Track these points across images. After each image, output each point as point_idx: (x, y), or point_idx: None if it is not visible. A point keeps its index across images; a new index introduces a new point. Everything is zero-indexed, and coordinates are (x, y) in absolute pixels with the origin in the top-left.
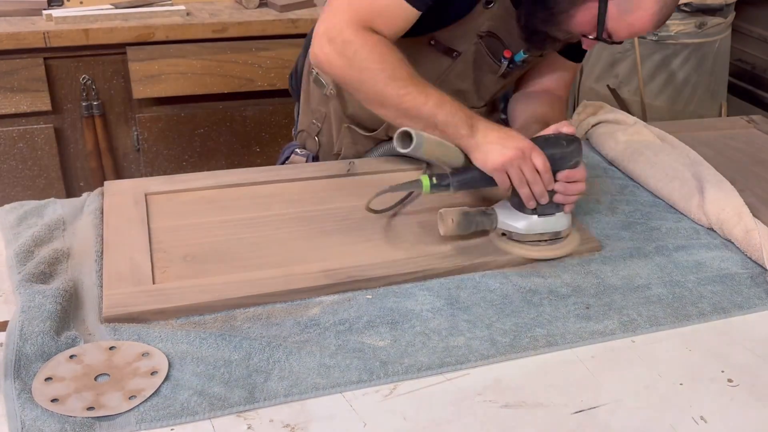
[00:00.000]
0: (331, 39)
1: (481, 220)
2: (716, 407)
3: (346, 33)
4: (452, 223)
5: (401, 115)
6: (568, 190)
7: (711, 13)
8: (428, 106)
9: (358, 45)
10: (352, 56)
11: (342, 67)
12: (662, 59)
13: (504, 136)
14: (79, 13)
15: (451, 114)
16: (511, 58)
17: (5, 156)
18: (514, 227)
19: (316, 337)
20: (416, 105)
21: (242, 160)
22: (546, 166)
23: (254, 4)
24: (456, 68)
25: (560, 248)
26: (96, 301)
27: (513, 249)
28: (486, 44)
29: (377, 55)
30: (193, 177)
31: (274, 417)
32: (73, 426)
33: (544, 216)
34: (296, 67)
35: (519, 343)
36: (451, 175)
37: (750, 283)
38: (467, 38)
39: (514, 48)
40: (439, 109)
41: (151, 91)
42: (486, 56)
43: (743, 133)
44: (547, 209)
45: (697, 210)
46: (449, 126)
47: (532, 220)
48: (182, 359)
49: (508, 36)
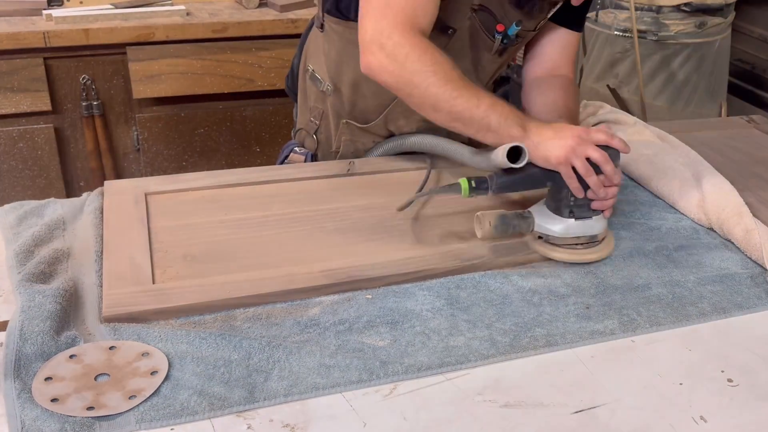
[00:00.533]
0: (381, 45)
1: (518, 223)
2: (716, 407)
3: (395, 36)
4: (489, 226)
5: (454, 119)
6: (604, 194)
7: (711, 13)
8: (481, 109)
9: (408, 48)
10: (403, 60)
11: (394, 72)
12: (662, 59)
13: (557, 129)
14: (79, 13)
15: (504, 116)
16: (505, 32)
17: (5, 156)
18: (551, 230)
19: (316, 337)
20: (469, 107)
21: (242, 160)
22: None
23: (254, 4)
24: (453, 47)
25: (597, 252)
26: (96, 301)
27: (550, 252)
28: (479, 19)
29: (429, 58)
30: (193, 177)
31: (274, 417)
32: (73, 426)
33: (581, 219)
34: (292, 67)
35: (519, 343)
36: (490, 178)
37: (750, 283)
38: (461, 13)
39: (506, 22)
40: (491, 112)
41: (151, 91)
42: (480, 32)
43: (743, 133)
44: (584, 212)
45: (697, 210)
46: (502, 128)
47: (569, 223)
48: (182, 359)
49: (500, 9)
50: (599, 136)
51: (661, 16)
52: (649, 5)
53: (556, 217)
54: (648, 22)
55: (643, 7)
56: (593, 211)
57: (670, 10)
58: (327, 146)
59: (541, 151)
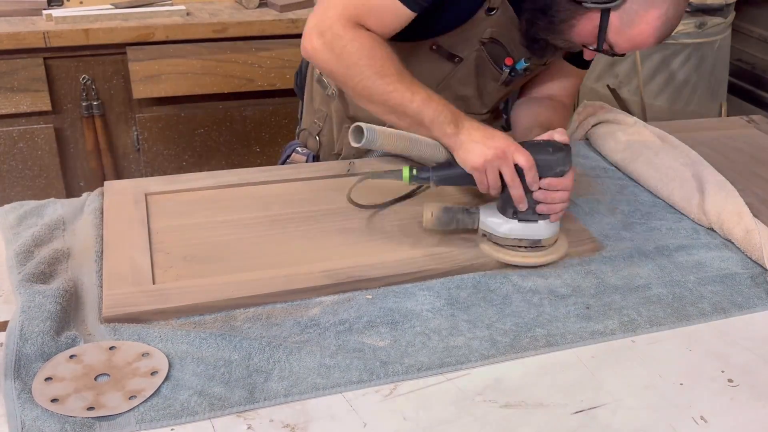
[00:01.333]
0: (321, 33)
1: (462, 218)
2: (716, 407)
3: (336, 27)
4: (431, 217)
5: (388, 112)
6: (548, 198)
7: (711, 13)
8: (414, 104)
9: (347, 40)
10: (340, 51)
11: (330, 61)
12: (662, 59)
13: (488, 135)
14: (79, 13)
15: (438, 112)
16: (513, 66)
17: (5, 156)
18: (494, 230)
19: (316, 338)
20: (402, 102)
21: (242, 160)
22: (530, 163)
23: (254, 4)
24: (458, 74)
25: (541, 256)
26: (96, 301)
27: (491, 251)
28: (488, 51)
29: (366, 51)
30: (193, 177)
31: (274, 417)
32: (73, 426)
33: (525, 222)
34: (300, 66)
35: (519, 343)
36: (433, 169)
37: (750, 283)
38: (469, 44)
39: (516, 56)
40: (425, 107)
41: (151, 91)
42: (488, 63)
43: (743, 133)
44: (528, 215)
45: (698, 210)
46: (435, 124)
47: (512, 224)
48: (182, 359)
49: (510, 43)
50: (520, 160)
51: None
52: None
53: (501, 216)
54: None
55: None
56: (539, 215)
57: None
58: (329, 148)
59: (462, 152)
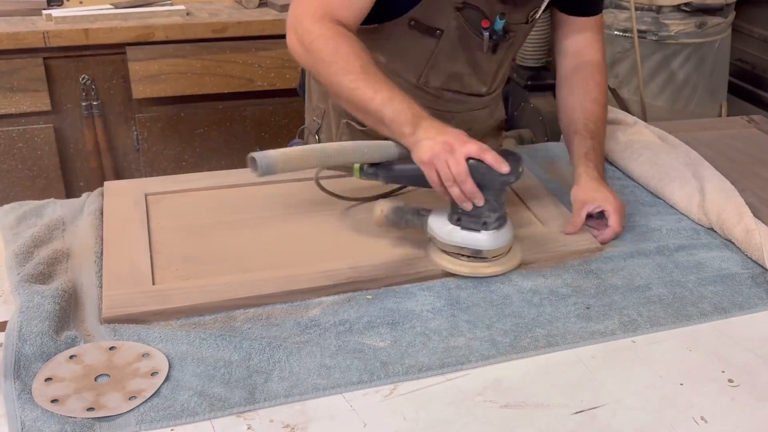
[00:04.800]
0: (294, 29)
1: (412, 219)
2: (717, 407)
3: (306, 22)
4: (381, 214)
5: (354, 109)
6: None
7: (711, 13)
8: (375, 103)
9: (315, 36)
10: (309, 47)
11: (303, 56)
12: (662, 59)
13: (441, 131)
14: (79, 13)
15: (397, 112)
16: (491, 28)
17: (5, 156)
18: (436, 233)
19: (317, 338)
20: (364, 100)
21: (242, 160)
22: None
23: (254, 4)
24: (443, 49)
25: (482, 267)
26: (96, 301)
27: (433, 255)
28: (465, 17)
29: (331, 47)
30: (193, 177)
31: (274, 417)
32: (73, 426)
33: (467, 230)
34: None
35: (519, 344)
36: (380, 166)
37: (750, 283)
38: (445, 13)
39: (492, 17)
40: (384, 107)
41: (150, 91)
42: (468, 31)
43: (743, 133)
44: (471, 223)
45: (698, 210)
46: (394, 124)
47: (454, 230)
48: (182, 360)
49: (485, 5)
50: (471, 149)
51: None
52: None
53: (446, 221)
54: (648, 22)
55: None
56: (483, 225)
57: (670, 10)
58: None
59: (415, 149)
